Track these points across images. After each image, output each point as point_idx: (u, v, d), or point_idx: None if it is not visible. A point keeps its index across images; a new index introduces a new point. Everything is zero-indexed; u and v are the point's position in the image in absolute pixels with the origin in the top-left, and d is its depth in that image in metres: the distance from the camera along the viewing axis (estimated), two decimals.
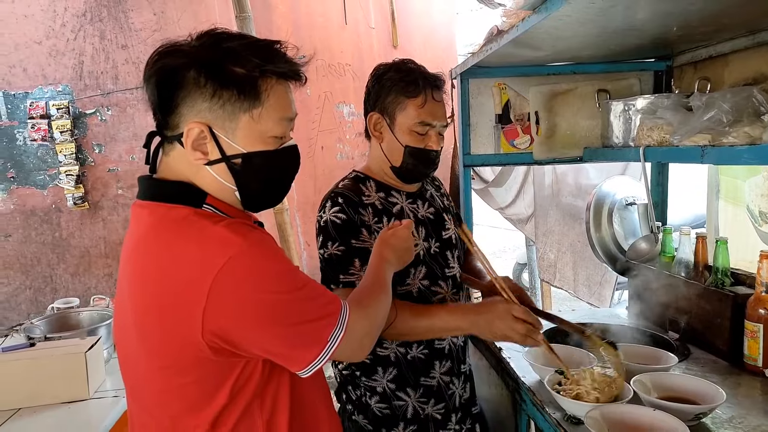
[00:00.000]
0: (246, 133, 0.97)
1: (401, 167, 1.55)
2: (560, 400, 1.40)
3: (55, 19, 3.83)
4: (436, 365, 1.57)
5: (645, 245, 2.06)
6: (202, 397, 0.95)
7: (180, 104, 0.94)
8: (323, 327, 0.97)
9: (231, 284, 0.89)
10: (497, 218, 5.47)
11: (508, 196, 4.40)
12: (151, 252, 0.95)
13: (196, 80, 0.93)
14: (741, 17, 1.57)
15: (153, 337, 0.95)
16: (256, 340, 0.93)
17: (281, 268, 0.94)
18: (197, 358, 0.92)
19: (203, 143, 0.96)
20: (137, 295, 0.97)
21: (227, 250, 0.89)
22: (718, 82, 1.93)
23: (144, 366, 0.99)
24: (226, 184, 0.99)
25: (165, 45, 0.97)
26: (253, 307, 0.91)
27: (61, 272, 4.03)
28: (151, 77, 0.95)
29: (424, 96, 1.50)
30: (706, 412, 1.32)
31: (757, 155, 1.32)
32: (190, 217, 0.94)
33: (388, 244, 1.30)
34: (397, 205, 1.57)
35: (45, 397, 1.84)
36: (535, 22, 1.47)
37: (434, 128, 1.53)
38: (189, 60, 0.94)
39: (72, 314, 2.46)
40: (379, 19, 4.22)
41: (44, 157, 3.90)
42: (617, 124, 1.96)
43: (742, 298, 1.66)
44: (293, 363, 0.97)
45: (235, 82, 0.94)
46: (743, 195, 2.26)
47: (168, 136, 0.99)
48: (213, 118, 0.95)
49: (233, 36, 0.99)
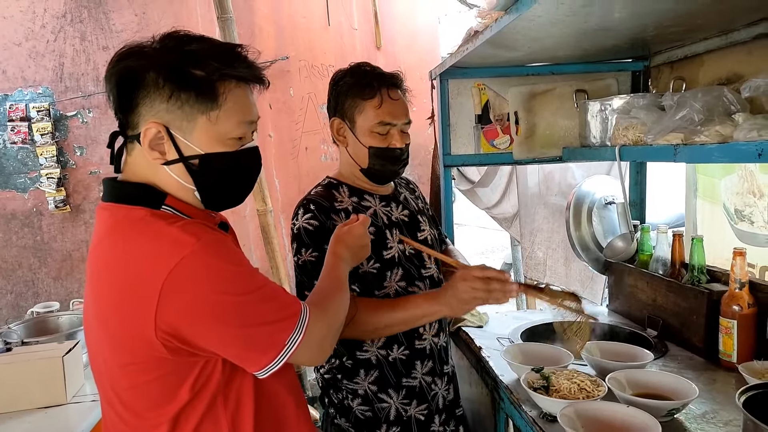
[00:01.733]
0: (203, 134, 0.98)
1: (369, 169, 1.56)
2: (536, 398, 1.41)
3: (34, 21, 3.80)
4: (417, 365, 1.57)
5: (621, 243, 2.08)
6: (163, 393, 0.96)
7: (139, 104, 0.96)
8: (280, 330, 0.97)
9: (182, 284, 0.89)
10: (484, 219, 5.49)
11: (494, 196, 4.42)
12: (110, 253, 0.97)
13: (156, 81, 0.95)
14: (713, 17, 1.59)
15: (114, 337, 0.96)
16: (209, 340, 0.94)
17: (236, 269, 0.95)
18: (155, 357, 0.93)
19: (160, 143, 0.97)
20: (98, 295, 0.99)
21: (180, 250, 0.90)
22: (694, 81, 1.95)
23: (108, 364, 1.00)
24: (184, 184, 1.00)
25: (127, 46, 0.98)
26: (205, 307, 0.91)
27: (42, 276, 3.99)
28: (112, 77, 0.97)
29: (380, 97, 1.51)
30: (679, 407, 1.33)
31: (727, 153, 1.33)
32: (147, 218, 0.95)
33: (342, 241, 1.30)
34: (371, 208, 1.57)
35: (21, 402, 1.82)
36: (508, 23, 1.48)
37: (395, 126, 1.54)
38: (149, 61, 0.95)
39: (51, 318, 2.43)
40: (362, 21, 4.22)
41: (25, 160, 3.86)
42: (594, 124, 1.98)
43: (717, 295, 1.68)
44: (249, 364, 0.98)
45: (193, 84, 0.96)
46: (720, 193, 2.28)
47: (129, 135, 1.00)
48: (170, 118, 0.96)
49: (195, 38, 1.00)
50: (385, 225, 1.56)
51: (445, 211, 2.41)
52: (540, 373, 1.50)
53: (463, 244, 3.12)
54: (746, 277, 1.61)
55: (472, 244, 9.24)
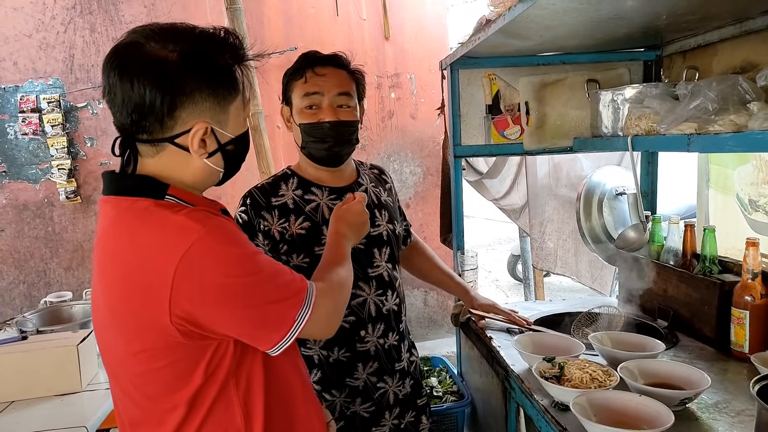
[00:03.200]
0: (234, 120, 1.04)
1: (304, 149, 1.54)
2: (548, 387, 1.42)
3: (44, 12, 3.81)
4: (359, 367, 1.57)
5: (633, 234, 2.07)
6: (177, 378, 0.98)
7: (178, 107, 0.96)
8: (289, 307, 1.01)
9: (193, 270, 0.92)
10: (492, 210, 5.48)
11: (502, 188, 4.41)
12: (117, 244, 0.99)
13: (196, 83, 0.96)
14: (728, 5, 1.58)
15: (125, 325, 0.99)
16: (222, 323, 0.96)
17: (241, 252, 0.97)
18: (168, 342, 0.95)
19: (204, 139, 1.00)
20: (107, 286, 1.01)
21: (188, 237, 0.92)
22: (707, 71, 1.93)
23: (120, 352, 1.02)
24: (216, 169, 1.04)
25: (133, 45, 0.96)
26: (216, 290, 0.94)
27: (54, 266, 4.03)
28: (145, 82, 0.94)
29: (306, 75, 1.50)
30: (692, 397, 1.33)
31: (742, 143, 1.32)
32: (151, 207, 0.97)
33: (343, 219, 1.34)
34: (314, 202, 1.54)
35: (38, 389, 1.84)
36: (521, 11, 1.47)
37: (323, 98, 1.49)
38: (180, 62, 0.95)
39: (64, 308, 2.46)
40: (370, 11, 4.20)
41: (36, 151, 3.89)
42: (606, 114, 1.97)
43: (729, 286, 1.67)
44: (261, 343, 1.01)
45: (223, 78, 1.00)
46: (732, 183, 2.27)
47: (156, 139, 0.99)
48: (211, 114, 1.00)
49: (196, 32, 1.00)
50: (323, 220, 1.51)
51: (455, 201, 2.41)
52: (552, 362, 1.50)
53: (470, 236, 3.11)
54: (759, 268, 1.60)
55: (479, 236, 9.24)
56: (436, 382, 2.48)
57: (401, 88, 4.35)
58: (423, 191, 4.46)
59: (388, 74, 4.31)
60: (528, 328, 1.93)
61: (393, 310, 1.62)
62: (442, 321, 4.51)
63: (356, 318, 1.55)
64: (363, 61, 4.64)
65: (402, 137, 4.39)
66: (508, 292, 6.54)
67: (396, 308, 1.63)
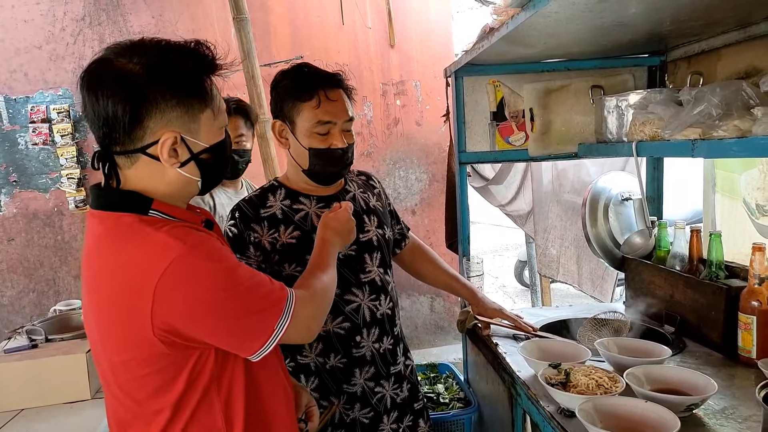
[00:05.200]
0: (206, 129, 1.06)
1: (310, 170, 1.54)
2: (554, 393, 1.42)
3: (54, 24, 3.86)
4: (356, 372, 1.58)
5: (639, 240, 2.07)
6: (162, 384, 1.03)
7: (146, 118, 0.99)
8: (269, 317, 1.05)
9: (174, 286, 0.96)
10: (499, 216, 5.48)
11: (508, 193, 4.41)
12: (103, 260, 1.03)
13: (161, 94, 0.99)
14: (731, 11, 1.58)
15: (112, 336, 1.04)
16: (202, 333, 1.01)
17: (221, 266, 1.01)
18: (153, 352, 1.00)
19: (175, 148, 1.02)
20: (95, 300, 1.05)
21: (168, 254, 0.96)
22: (711, 76, 1.93)
23: (108, 360, 1.07)
24: (192, 178, 1.07)
25: (102, 61, 0.99)
26: (196, 304, 0.98)
27: (63, 275, 4.07)
28: (108, 99, 0.97)
29: (318, 98, 1.48)
30: (698, 402, 1.33)
31: (746, 148, 1.33)
32: (135, 224, 1.01)
33: (329, 226, 1.40)
34: (303, 211, 1.55)
35: (47, 397, 1.87)
36: (524, 19, 1.48)
37: (335, 125, 1.51)
38: (144, 74, 0.98)
39: (74, 316, 2.48)
40: (375, 19, 4.23)
41: (46, 161, 3.93)
42: (611, 120, 1.97)
43: (736, 291, 1.67)
44: (242, 351, 1.06)
45: (191, 87, 1.02)
46: (739, 188, 2.26)
47: (130, 150, 1.01)
48: (180, 123, 1.02)
49: (163, 44, 1.03)
50: (313, 228, 1.50)
51: (460, 207, 2.42)
52: (558, 368, 1.50)
53: (478, 242, 3.11)
54: (766, 273, 1.60)
55: (486, 241, 9.22)
56: (442, 389, 2.48)
57: (406, 95, 4.36)
58: (429, 197, 4.47)
59: (393, 82, 4.33)
60: (534, 334, 1.93)
61: (387, 315, 1.63)
62: (449, 327, 4.50)
63: (351, 324, 1.57)
64: (368, 69, 4.65)
65: (408, 144, 4.40)
66: (515, 298, 6.51)
67: (390, 312, 1.64)
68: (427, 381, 2.61)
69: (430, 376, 2.67)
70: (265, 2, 4.06)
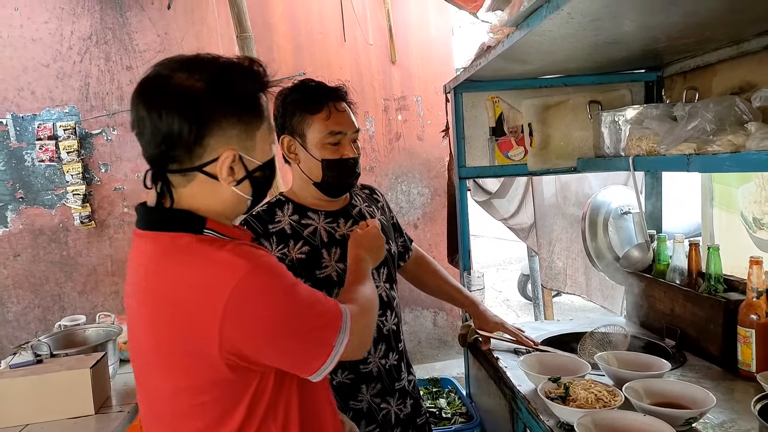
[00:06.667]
0: (261, 147, 1.05)
1: (323, 182, 1.55)
2: (553, 407, 1.43)
3: (62, 43, 3.93)
4: (363, 389, 1.58)
5: (637, 253, 2.08)
6: (222, 414, 1.00)
7: (206, 135, 0.97)
8: (329, 334, 1.03)
9: (242, 306, 0.93)
10: (502, 230, 5.48)
11: (510, 207, 4.43)
12: (163, 282, 0.99)
13: (223, 110, 0.98)
14: (721, 29, 1.61)
15: (171, 362, 1.00)
16: (268, 354, 0.99)
17: (284, 283, 1.00)
18: (216, 377, 0.97)
19: (232, 166, 1.01)
20: (153, 324, 1.01)
21: (235, 273, 0.94)
22: (707, 91, 1.96)
23: (164, 387, 1.03)
24: (244, 196, 1.06)
25: (160, 77, 0.98)
26: (264, 324, 0.96)
27: (68, 290, 4.09)
28: (172, 112, 0.95)
29: (328, 109, 1.51)
30: (697, 416, 1.33)
31: (739, 163, 1.35)
32: (194, 244, 0.99)
33: (361, 245, 1.41)
34: (311, 226, 1.56)
35: (52, 413, 1.87)
36: (519, 38, 1.51)
37: (345, 136, 1.53)
38: (208, 91, 0.97)
39: (78, 331, 2.50)
40: (377, 36, 4.29)
41: (52, 177, 3.98)
42: (608, 135, 1.99)
43: (734, 304, 1.67)
44: (303, 370, 1.03)
45: (250, 104, 1.02)
46: (737, 202, 2.28)
47: (185, 168, 0.99)
48: (238, 141, 1.01)
49: (220, 60, 1.02)
50: (323, 243, 1.53)
51: (461, 221, 2.44)
52: (557, 382, 1.51)
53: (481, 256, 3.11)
54: (764, 286, 1.61)
55: (489, 255, 9.21)
56: (445, 404, 2.48)
57: (408, 110, 4.41)
58: (431, 212, 4.49)
59: (394, 97, 4.38)
60: (535, 348, 1.94)
61: (392, 330, 1.64)
62: (452, 342, 4.49)
63: None
64: (370, 85, 4.69)
65: (409, 159, 4.44)
66: (518, 312, 6.50)
67: (395, 328, 1.65)
68: (430, 396, 2.61)
69: (432, 390, 2.68)
70: (268, 20, 4.12)
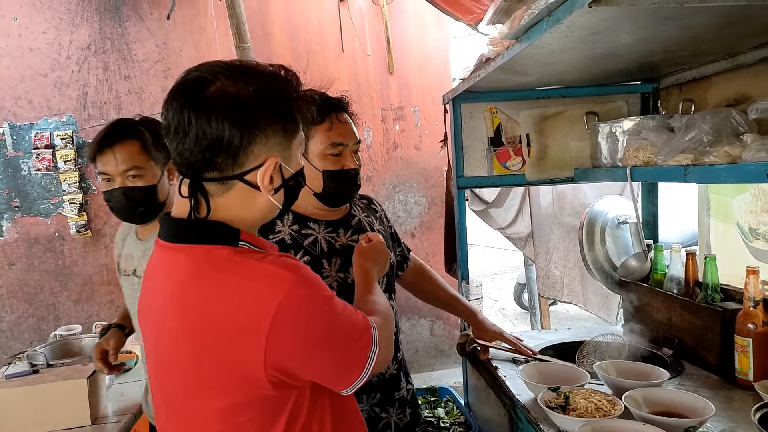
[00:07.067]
0: (295, 156, 1.05)
1: (324, 193, 1.55)
2: (553, 416, 1.43)
3: (60, 52, 3.94)
4: (363, 398, 1.58)
5: (634, 263, 2.10)
6: (260, 430, 0.97)
7: (251, 143, 0.95)
8: (363, 346, 1.02)
9: (289, 319, 0.91)
10: (497, 239, 5.50)
11: (508, 216, 4.44)
12: (199, 297, 0.95)
13: (268, 118, 0.96)
14: (717, 43, 1.63)
15: (211, 380, 0.96)
16: (312, 368, 0.97)
17: (324, 294, 0.98)
18: (257, 394, 0.95)
19: (273, 174, 0.99)
20: (191, 341, 0.97)
21: (281, 286, 0.92)
22: (702, 102, 1.98)
23: (201, 407, 0.99)
24: (277, 205, 1.04)
25: (205, 82, 0.94)
26: (310, 337, 0.95)
27: (63, 300, 4.07)
28: (223, 118, 0.92)
29: (330, 120, 1.52)
30: (696, 425, 1.34)
31: (735, 174, 1.37)
32: (233, 257, 0.95)
33: (368, 256, 1.40)
34: (312, 236, 1.55)
35: (48, 423, 1.86)
36: (519, 50, 1.53)
37: (347, 147, 1.55)
38: (255, 99, 0.95)
39: (74, 341, 2.49)
40: (375, 47, 4.32)
41: (48, 186, 3.97)
42: (605, 146, 2.02)
43: (731, 314, 1.69)
44: (340, 384, 1.02)
45: (289, 113, 1.00)
46: (733, 212, 2.30)
47: (226, 176, 0.97)
48: (279, 149, 1.00)
49: (262, 69, 1.01)
50: (323, 253, 1.54)
51: (459, 231, 2.45)
52: (557, 391, 1.52)
53: (477, 265, 3.12)
54: (760, 295, 1.62)
55: (485, 264, 9.22)
56: (443, 413, 2.48)
57: (405, 120, 4.43)
58: (428, 221, 4.50)
59: (392, 107, 4.40)
60: (533, 358, 1.94)
61: None
62: (450, 351, 4.49)
63: None
64: (368, 95, 4.71)
65: (407, 168, 4.45)
66: (514, 321, 6.50)
67: (394, 337, 1.65)
68: (428, 405, 2.61)
69: (430, 400, 2.67)
70: (267, 31, 4.15)
